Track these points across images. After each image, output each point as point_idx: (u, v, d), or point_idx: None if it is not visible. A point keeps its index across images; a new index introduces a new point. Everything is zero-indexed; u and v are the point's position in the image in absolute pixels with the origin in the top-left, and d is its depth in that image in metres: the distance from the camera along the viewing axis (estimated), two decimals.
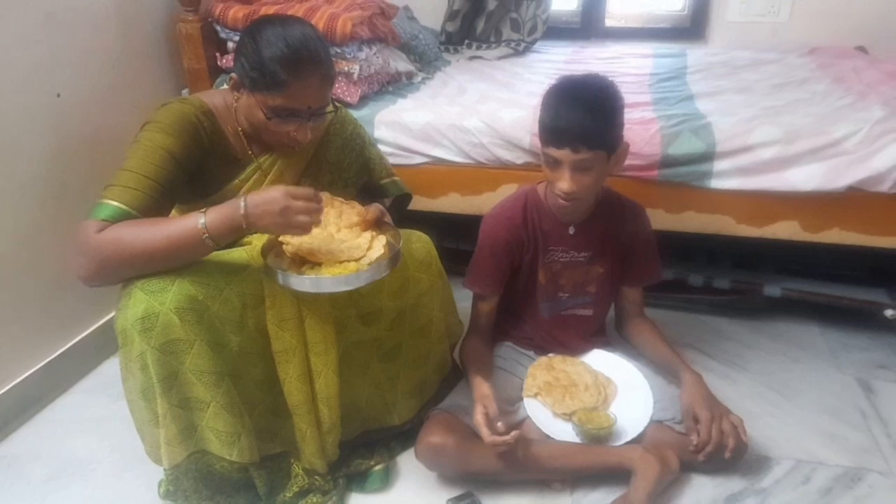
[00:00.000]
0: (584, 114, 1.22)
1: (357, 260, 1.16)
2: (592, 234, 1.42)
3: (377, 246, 1.19)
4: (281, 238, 1.17)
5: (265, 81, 1.13)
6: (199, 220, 1.05)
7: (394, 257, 1.17)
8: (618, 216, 1.43)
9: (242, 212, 1.05)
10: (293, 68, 1.12)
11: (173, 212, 1.22)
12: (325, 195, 1.23)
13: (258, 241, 1.21)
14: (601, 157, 1.25)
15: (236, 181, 1.24)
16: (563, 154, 1.23)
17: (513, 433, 1.20)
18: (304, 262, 1.16)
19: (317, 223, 1.09)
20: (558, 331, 1.50)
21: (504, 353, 1.49)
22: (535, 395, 1.38)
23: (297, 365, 1.19)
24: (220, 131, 1.22)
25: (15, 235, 1.49)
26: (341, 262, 1.15)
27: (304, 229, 1.08)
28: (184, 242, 1.05)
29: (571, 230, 1.41)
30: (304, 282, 1.11)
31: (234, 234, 1.09)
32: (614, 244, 1.44)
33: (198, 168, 1.19)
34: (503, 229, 1.40)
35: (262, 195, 1.06)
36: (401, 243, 1.21)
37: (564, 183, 1.26)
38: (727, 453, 1.25)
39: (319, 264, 1.15)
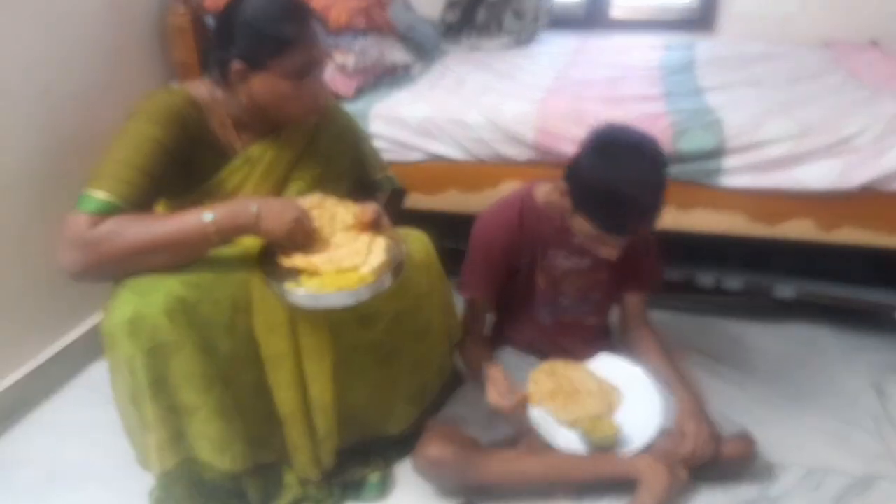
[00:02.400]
0: (655, 203, 1.17)
1: (357, 267, 1.11)
2: None
3: (377, 251, 1.13)
4: (280, 257, 1.13)
5: (275, 47, 1.11)
6: (205, 216, 1.04)
7: (397, 267, 1.13)
8: None
9: (255, 211, 1.07)
10: (294, 19, 1.13)
11: (158, 207, 1.19)
12: (316, 197, 1.19)
13: (248, 242, 1.17)
14: None
15: (224, 173, 1.20)
16: (621, 239, 1.21)
17: (519, 396, 1.20)
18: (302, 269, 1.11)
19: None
20: (560, 336, 1.46)
21: (505, 359, 1.45)
22: (539, 403, 1.34)
23: (289, 371, 1.16)
24: (206, 122, 1.20)
25: (1, 233, 1.46)
26: (341, 271, 1.10)
27: (300, 244, 1.12)
28: (189, 238, 1.05)
29: (578, 238, 1.36)
30: (304, 298, 1.08)
31: (239, 233, 1.09)
32: None
33: (186, 159, 1.16)
34: (499, 232, 1.36)
35: (280, 200, 1.14)
36: (404, 252, 1.17)
37: (614, 251, 1.23)
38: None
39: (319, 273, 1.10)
